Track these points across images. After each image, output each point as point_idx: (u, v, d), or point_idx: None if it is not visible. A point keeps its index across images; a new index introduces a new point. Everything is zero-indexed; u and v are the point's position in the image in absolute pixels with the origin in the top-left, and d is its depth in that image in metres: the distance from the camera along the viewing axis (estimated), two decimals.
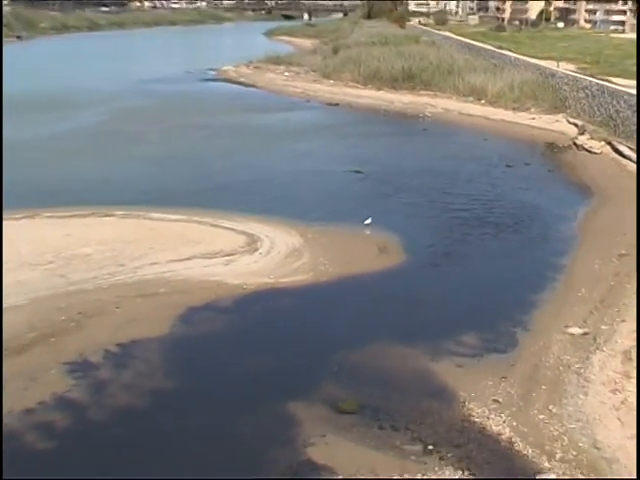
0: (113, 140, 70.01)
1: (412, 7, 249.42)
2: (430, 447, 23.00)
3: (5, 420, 24.49)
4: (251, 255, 38.98)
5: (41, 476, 22.12)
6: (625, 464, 21.95)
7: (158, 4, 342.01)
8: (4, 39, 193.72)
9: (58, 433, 24.17)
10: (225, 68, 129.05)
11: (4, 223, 43.22)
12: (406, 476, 21.57)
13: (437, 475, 21.66)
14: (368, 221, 43.89)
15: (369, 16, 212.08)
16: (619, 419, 24.21)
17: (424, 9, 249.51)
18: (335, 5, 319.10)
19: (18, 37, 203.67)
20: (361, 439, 23.45)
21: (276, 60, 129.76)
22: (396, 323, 31.94)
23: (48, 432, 24.15)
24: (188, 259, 38.05)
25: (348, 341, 30.18)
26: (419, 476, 21.58)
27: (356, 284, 36.40)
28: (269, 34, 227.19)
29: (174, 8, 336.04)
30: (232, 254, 38.93)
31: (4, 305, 32.17)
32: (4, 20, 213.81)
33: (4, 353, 28.37)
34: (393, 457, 22.53)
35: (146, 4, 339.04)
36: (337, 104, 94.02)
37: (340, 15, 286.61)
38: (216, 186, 52.67)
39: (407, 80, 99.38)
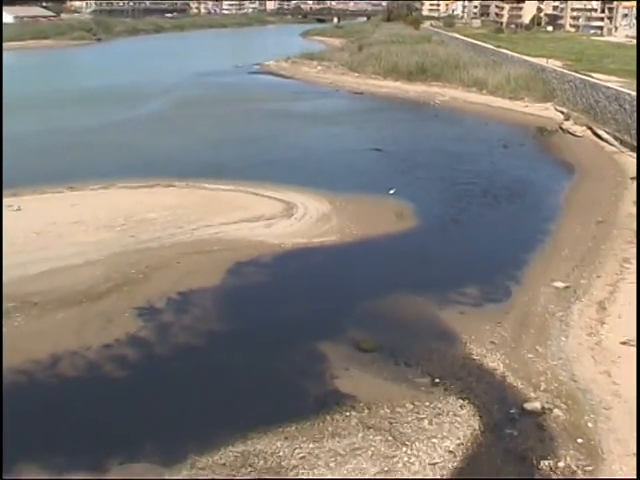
0: (175, 124, 70.11)
1: (425, 12, 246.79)
2: (437, 380, 23.14)
3: (86, 353, 24.86)
4: (288, 219, 39.04)
5: (117, 397, 22.48)
6: (597, 394, 22.16)
7: (212, 10, 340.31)
8: (87, 41, 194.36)
9: (130, 364, 24.48)
10: (267, 63, 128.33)
11: (85, 192, 43.72)
12: (417, 403, 21.75)
13: (442, 403, 21.83)
14: (392, 191, 43.85)
15: (389, 19, 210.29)
16: (593, 357, 24.34)
17: (435, 14, 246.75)
18: (360, 10, 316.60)
19: (98, 39, 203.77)
20: (379, 373, 23.60)
21: (310, 56, 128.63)
22: (409, 277, 31.94)
23: (122, 363, 24.47)
24: (236, 222, 38.18)
25: (369, 291, 30.28)
26: (427, 404, 21.75)
27: (376, 244, 36.39)
28: (304, 34, 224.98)
29: (225, 13, 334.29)
30: (272, 218, 39.02)
31: (86, 260, 32.59)
32: (88, 25, 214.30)
33: (86, 300, 28.77)
34: (406, 388, 22.67)
35: (202, 11, 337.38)
36: (361, 93, 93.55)
37: (364, 19, 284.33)
38: (260, 162, 52.65)
39: (420, 73, 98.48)
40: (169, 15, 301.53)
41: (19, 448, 19.86)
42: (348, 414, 21.28)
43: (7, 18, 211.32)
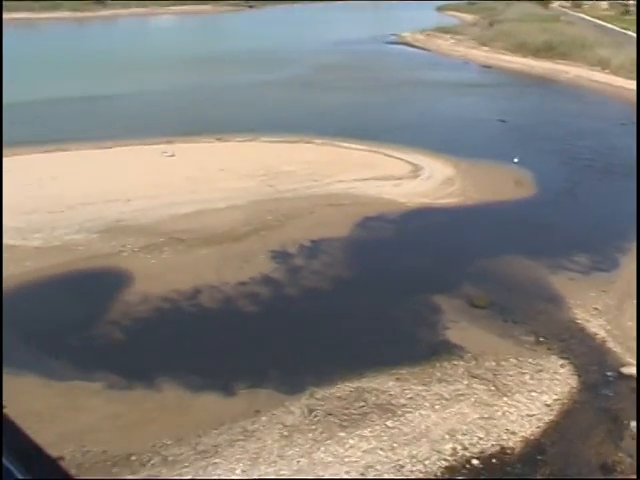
0: (315, 86, 70.44)
1: None
2: (541, 339, 22.77)
3: (224, 288, 25.57)
4: (414, 180, 38.82)
5: (248, 330, 23.05)
6: None
7: None
8: (241, 8, 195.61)
9: (262, 301, 25.04)
10: (403, 34, 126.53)
11: (232, 144, 44.59)
12: (521, 359, 21.53)
13: (544, 361, 21.53)
14: (516, 160, 42.96)
15: None
16: None
17: None
18: None
19: (250, 6, 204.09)
20: (488, 328, 23.38)
21: (443, 30, 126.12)
22: (523, 241, 31.36)
23: (255, 300, 25.05)
24: (366, 180, 38.24)
25: (484, 252, 29.91)
26: (530, 360, 21.51)
27: (495, 209, 35.83)
28: (439, 9, 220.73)
29: None
30: (400, 178, 38.88)
31: (229, 204, 33.36)
32: None
33: (227, 240, 29.51)
34: (512, 344, 22.41)
35: None
36: (490, 67, 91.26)
37: None
38: (392, 125, 52.31)
39: (547, 50, 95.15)
40: None
41: (161, 366, 20.71)
42: (456, 363, 21.24)
43: None
